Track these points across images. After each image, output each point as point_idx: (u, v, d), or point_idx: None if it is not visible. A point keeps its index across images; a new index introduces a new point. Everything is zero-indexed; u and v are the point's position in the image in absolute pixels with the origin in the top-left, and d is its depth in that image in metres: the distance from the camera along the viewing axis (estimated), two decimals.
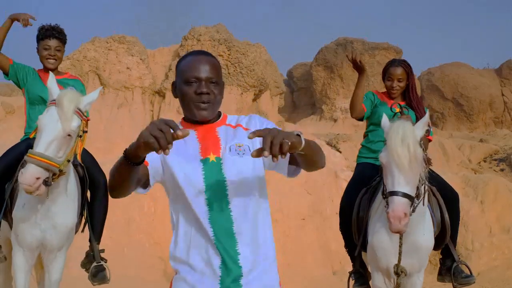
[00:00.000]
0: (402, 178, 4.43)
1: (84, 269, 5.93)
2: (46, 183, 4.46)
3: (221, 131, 2.80)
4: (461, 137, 19.13)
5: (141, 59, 13.74)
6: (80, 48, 13.68)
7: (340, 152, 14.69)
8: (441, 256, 5.99)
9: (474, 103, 21.63)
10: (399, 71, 5.90)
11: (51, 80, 4.75)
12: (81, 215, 5.57)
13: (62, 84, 5.99)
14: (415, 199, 4.48)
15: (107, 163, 5.04)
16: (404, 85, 5.94)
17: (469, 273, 5.76)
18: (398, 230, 4.39)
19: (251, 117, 2.87)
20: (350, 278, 5.96)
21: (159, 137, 2.18)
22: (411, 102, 5.97)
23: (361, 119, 6.02)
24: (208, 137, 2.76)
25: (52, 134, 4.48)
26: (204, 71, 2.75)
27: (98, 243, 5.91)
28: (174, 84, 2.86)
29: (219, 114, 2.87)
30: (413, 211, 4.51)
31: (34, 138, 5.77)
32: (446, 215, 5.54)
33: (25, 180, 4.34)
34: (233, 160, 2.68)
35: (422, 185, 4.65)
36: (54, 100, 4.59)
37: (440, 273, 6.01)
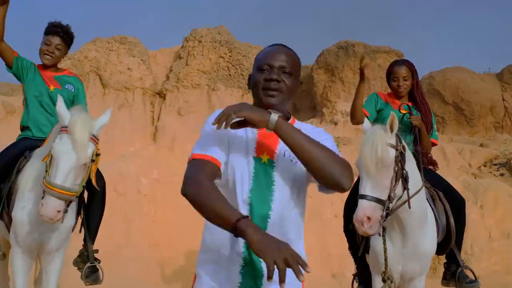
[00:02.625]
0: (370, 182, 4.44)
1: (77, 268, 5.92)
2: (64, 210, 4.53)
3: None
4: (461, 142, 19.12)
5: (142, 60, 13.73)
6: (81, 48, 13.67)
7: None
8: (445, 261, 5.98)
9: (474, 107, 21.60)
10: (403, 69, 5.92)
11: (60, 103, 4.67)
12: (77, 214, 5.56)
13: (60, 80, 5.99)
14: (387, 202, 4.44)
15: (107, 164, 5.04)
16: (410, 84, 5.95)
17: (473, 278, 5.77)
18: (363, 232, 4.39)
19: (315, 129, 2.79)
20: (354, 281, 5.96)
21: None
22: (417, 102, 5.97)
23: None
24: (268, 137, 2.68)
25: (69, 164, 4.48)
26: (278, 60, 2.71)
27: (93, 244, 5.91)
28: (250, 77, 2.83)
29: (288, 117, 2.81)
30: (389, 214, 4.48)
31: (32, 139, 5.78)
32: (452, 220, 5.54)
33: (47, 213, 4.40)
34: (285, 165, 2.64)
35: (404, 188, 4.61)
36: (66, 127, 4.52)
37: (444, 278, 6.01)
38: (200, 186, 2.44)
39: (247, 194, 2.60)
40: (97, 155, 4.73)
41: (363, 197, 4.36)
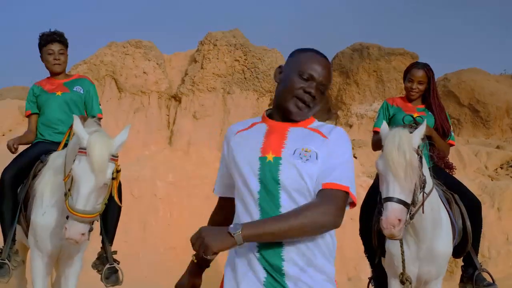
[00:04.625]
0: (397, 185, 4.44)
1: (96, 270, 5.96)
2: (88, 229, 4.60)
3: (293, 131, 2.71)
4: (477, 144, 19.02)
5: (157, 63, 13.76)
6: (97, 53, 13.73)
7: (356, 158, 14.64)
8: (463, 264, 5.97)
9: (490, 109, 21.47)
10: (420, 73, 5.92)
11: (77, 123, 4.66)
12: None
13: (68, 85, 6.06)
14: (411, 206, 4.47)
15: (122, 167, 5.05)
16: (423, 88, 5.94)
17: (491, 281, 5.75)
18: (391, 235, 4.40)
19: (335, 129, 2.74)
20: (370, 284, 5.96)
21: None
22: (431, 106, 5.96)
23: None
24: (275, 134, 2.69)
25: (89, 187, 4.50)
26: (321, 75, 2.70)
27: (111, 245, 5.94)
28: (280, 68, 2.81)
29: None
30: (411, 218, 4.50)
31: (47, 142, 5.85)
32: (468, 223, 5.53)
33: (72, 237, 4.45)
34: (293, 163, 2.58)
35: (421, 192, 4.63)
36: (84, 149, 4.51)
37: (462, 281, 5.99)
38: None
39: (257, 196, 2.60)
40: (118, 171, 4.73)
41: (391, 199, 4.37)
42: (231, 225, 2.48)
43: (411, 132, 4.69)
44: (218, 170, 2.98)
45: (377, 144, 5.79)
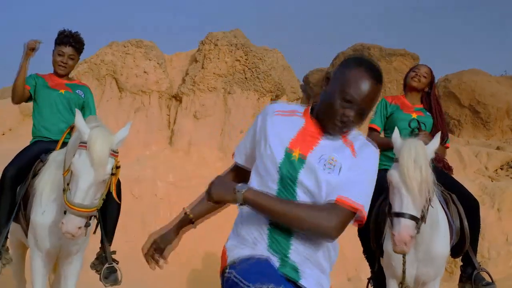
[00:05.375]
0: (411, 200, 4.43)
1: (94, 271, 5.96)
2: (85, 224, 4.61)
3: (327, 137, 2.69)
4: (478, 145, 19.01)
5: (158, 63, 13.76)
6: (98, 52, 13.73)
7: None
8: (462, 264, 5.98)
9: (491, 110, 21.46)
10: (425, 69, 6.03)
11: (79, 117, 4.70)
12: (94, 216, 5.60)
13: (72, 87, 6.07)
14: (420, 220, 4.48)
15: (123, 167, 5.06)
16: (426, 82, 5.99)
17: (490, 280, 5.75)
18: (402, 251, 4.41)
19: (368, 148, 2.71)
20: (369, 284, 5.97)
21: None
22: (431, 108, 5.98)
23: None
24: (310, 134, 2.68)
25: (88, 181, 4.52)
26: (364, 98, 2.59)
27: (110, 245, 5.94)
28: (328, 77, 2.73)
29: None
30: (418, 232, 4.51)
31: (47, 141, 5.84)
32: (465, 223, 5.54)
33: (68, 231, 4.47)
34: (315, 170, 2.58)
35: (428, 206, 4.64)
36: (85, 143, 4.55)
37: (461, 280, 6.00)
38: None
39: (276, 185, 2.62)
40: (117, 167, 4.76)
41: (404, 215, 4.37)
42: (240, 184, 2.57)
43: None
44: (243, 138, 2.97)
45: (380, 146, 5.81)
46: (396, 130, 4.96)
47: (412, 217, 4.36)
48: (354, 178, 2.58)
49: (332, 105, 2.61)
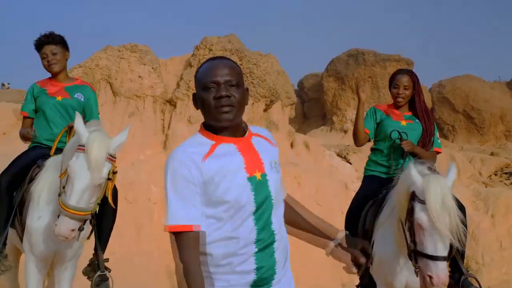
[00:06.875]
0: (443, 243, 4.45)
1: (86, 277, 5.94)
2: (79, 228, 4.59)
3: (256, 143, 2.75)
4: (472, 150, 19.10)
5: (153, 68, 13.77)
6: (93, 56, 13.72)
7: (351, 163, 14.67)
8: (449, 269, 5.98)
9: (485, 116, 21.58)
10: (405, 78, 5.95)
11: (78, 120, 4.69)
12: (90, 222, 5.58)
13: (70, 91, 6.03)
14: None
15: (118, 172, 5.05)
16: (410, 93, 5.96)
17: (478, 286, 5.75)
18: None
19: (263, 129, 2.91)
20: None
21: None
22: (417, 112, 5.98)
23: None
24: (248, 151, 2.69)
25: (84, 184, 4.52)
26: (221, 75, 2.65)
27: (103, 252, 5.92)
28: (194, 96, 2.79)
29: (245, 129, 2.79)
30: None
31: (44, 147, 5.82)
32: None
33: (61, 233, 4.46)
34: (273, 176, 2.70)
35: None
36: (83, 146, 4.55)
37: (449, 286, 6.00)
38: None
39: (251, 216, 2.61)
40: (114, 173, 4.75)
41: (438, 258, 4.40)
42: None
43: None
44: (184, 201, 2.63)
45: (356, 136, 5.91)
46: (414, 170, 4.88)
47: (445, 259, 4.41)
48: None
49: (205, 101, 2.68)
